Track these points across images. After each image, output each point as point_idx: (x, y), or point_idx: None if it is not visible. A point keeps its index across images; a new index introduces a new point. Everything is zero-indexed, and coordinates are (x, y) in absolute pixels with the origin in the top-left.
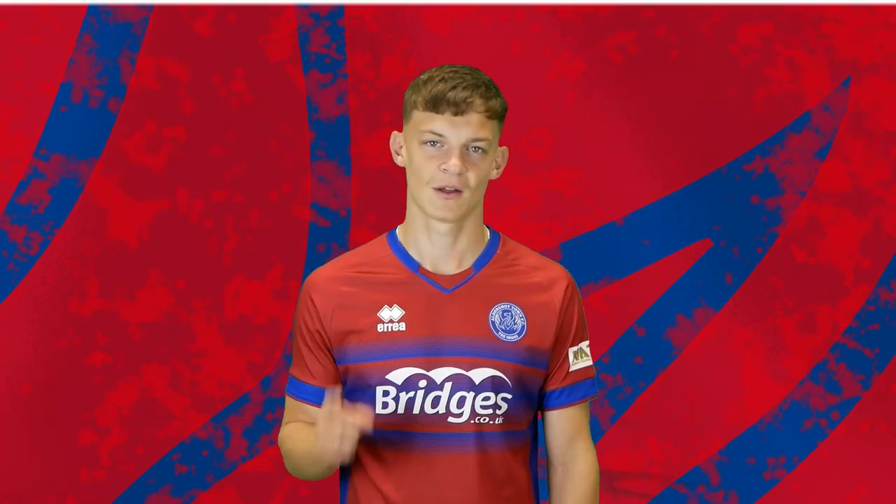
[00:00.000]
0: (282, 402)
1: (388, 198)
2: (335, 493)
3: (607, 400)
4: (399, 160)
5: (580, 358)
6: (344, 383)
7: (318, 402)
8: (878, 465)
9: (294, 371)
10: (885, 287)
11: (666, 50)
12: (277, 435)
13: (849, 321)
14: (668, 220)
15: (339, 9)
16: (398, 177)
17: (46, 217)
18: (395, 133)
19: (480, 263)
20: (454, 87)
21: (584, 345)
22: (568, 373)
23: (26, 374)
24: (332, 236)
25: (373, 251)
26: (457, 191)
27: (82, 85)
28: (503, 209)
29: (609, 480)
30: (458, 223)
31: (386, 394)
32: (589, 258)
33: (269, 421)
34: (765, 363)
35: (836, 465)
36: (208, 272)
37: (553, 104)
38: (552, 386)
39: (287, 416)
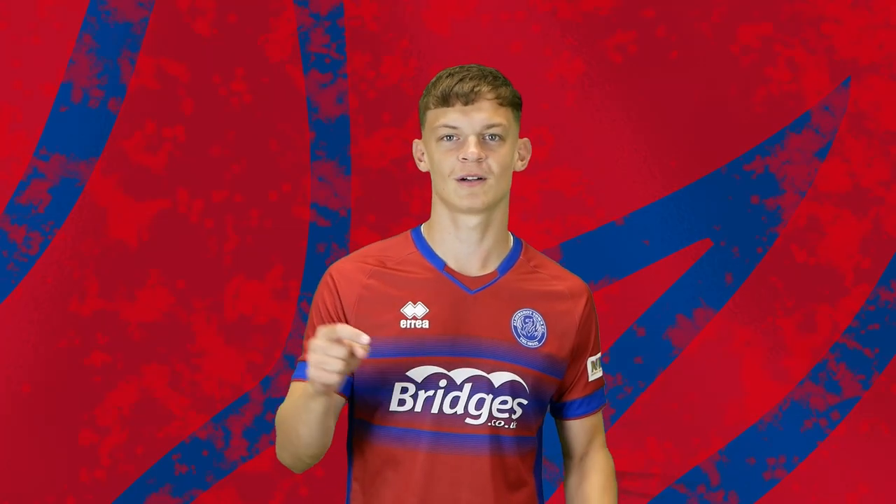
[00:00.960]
0: (282, 402)
1: (388, 198)
2: (335, 493)
3: (607, 400)
4: (422, 166)
5: (597, 368)
6: (359, 378)
7: (346, 392)
8: (878, 465)
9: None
10: (885, 287)
11: (666, 50)
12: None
13: (849, 321)
14: (668, 220)
15: (339, 9)
16: (398, 177)
17: (46, 217)
18: (416, 141)
19: (505, 267)
20: (461, 80)
21: (600, 356)
22: (587, 383)
23: (26, 374)
24: (332, 236)
25: (397, 247)
26: (480, 178)
27: (82, 85)
28: None
29: None
30: (485, 219)
31: (404, 391)
32: (589, 258)
33: (269, 421)
34: (765, 363)
35: (836, 465)
36: (208, 272)
37: (553, 104)
38: (572, 396)
39: (288, 398)
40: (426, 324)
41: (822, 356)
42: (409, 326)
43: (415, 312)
